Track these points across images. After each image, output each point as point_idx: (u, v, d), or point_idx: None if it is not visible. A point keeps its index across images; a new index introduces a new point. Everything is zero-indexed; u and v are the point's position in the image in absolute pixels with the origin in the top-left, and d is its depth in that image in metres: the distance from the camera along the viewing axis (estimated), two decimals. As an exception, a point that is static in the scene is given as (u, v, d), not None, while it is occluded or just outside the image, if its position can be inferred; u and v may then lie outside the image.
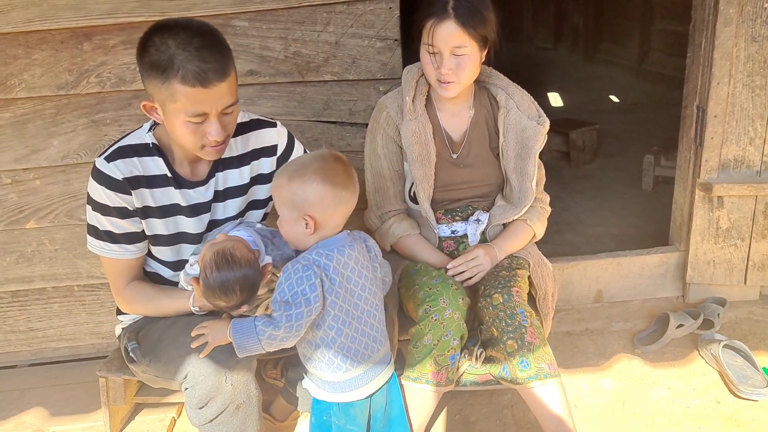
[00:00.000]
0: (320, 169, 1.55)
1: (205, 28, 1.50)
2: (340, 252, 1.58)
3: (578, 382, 2.30)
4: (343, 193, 1.56)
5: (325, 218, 1.56)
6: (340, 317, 1.57)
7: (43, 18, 2.16)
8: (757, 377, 2.21)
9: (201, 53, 1.44)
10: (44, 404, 2.35)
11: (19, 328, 2.56)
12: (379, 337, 1.67)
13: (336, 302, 1.56)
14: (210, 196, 1.73)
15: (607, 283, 2.80)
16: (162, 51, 1.44)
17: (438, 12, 1.79)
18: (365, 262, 1.66)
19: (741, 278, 2.69)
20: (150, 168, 1.64)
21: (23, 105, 2.26)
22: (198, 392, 1.57)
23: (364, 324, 1.63)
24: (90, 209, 1.65)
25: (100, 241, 1.67)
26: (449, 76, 1.83)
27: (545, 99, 6.63)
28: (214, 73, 1.45)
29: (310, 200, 1.53)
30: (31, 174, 2.34)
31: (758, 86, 2.43)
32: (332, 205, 1.55)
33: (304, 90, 2.33)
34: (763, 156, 2.53)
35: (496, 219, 2.02)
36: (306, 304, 1.49)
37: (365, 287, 1.63)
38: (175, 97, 1.47)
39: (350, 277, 1.60)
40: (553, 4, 9.85)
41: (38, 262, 2.45)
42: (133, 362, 1.76)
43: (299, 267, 1.52)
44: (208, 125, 1.53)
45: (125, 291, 1.74)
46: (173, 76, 1.44)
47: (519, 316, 1.78)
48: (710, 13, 2.41)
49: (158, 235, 1.70)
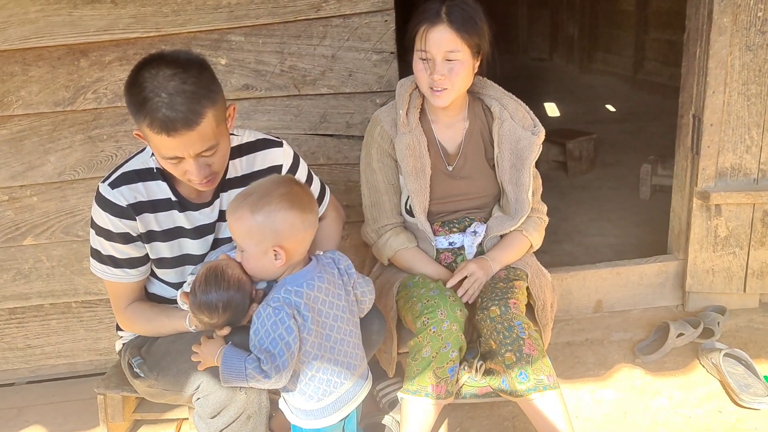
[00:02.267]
0: (285, 195, 1.50)
1: (189, 66, 1.44)
2: (309, 286, 1.55)
3: (579, 393, 2.29)
4: (309, 217, 1.54)
5: (295, 245, 1.53)
6: (312, 352, 1.56)
7: (40, 35, 2.16)
8: (758, 386, 2.20)
9: (172, 100, 1.39)
10: (42, 422, 2.34)
11: (17, 346, 2.55)
12: (353, 362, 1.65)
13: (308, 339, 1.54)
14: (215, 217, 1.72)
15: (607, 293, 2.80)
16: (136, 93, 1.42)
17: (431, 17, 1.80)
18: (335, 290, 1.61)
19: (740, 286, 2.69)
20: (154, 192, 1.64)
21: (20, 122, 2.26)
22: (211, 401, 1.58)
23: (338, 353, 1.61)
24: (93, 233, 1.65)
25: (103, 264, 1.67)
26: (442, 82, 1.82)
27: (542, 109, 6.64)
28: (182, 123, 1.41)
29: (279, 230, 1.49)
30: (27, 191, 2.33)
31: (753, 94, 2.44)
32: (301, 231, 1.53)
33: (300, 103, 2.33)
34: (760, 164, 2.53)
35: (493, 230, 2.01)
36: (287, 349, 1.48)
37: (337, 316, 1.60)
38: (148, 138, 1.47)
39: (321, 309, 1.57)
40: (548, 15, 9.90)
41: (35, 279, 2.44)
42: (138, 377, 1.75)
43: (270, 311, 1.49)
44: (186, 165, 1.50)
45: (126, 311, 1.75)
46: (142, 120, 1.42)
47: (516, 328, 1.78)
48: (704, 23, 2.42)
49: (163, 258, 1.71)
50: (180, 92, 1.40)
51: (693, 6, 2.51)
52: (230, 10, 2.19)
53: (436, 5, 1.81)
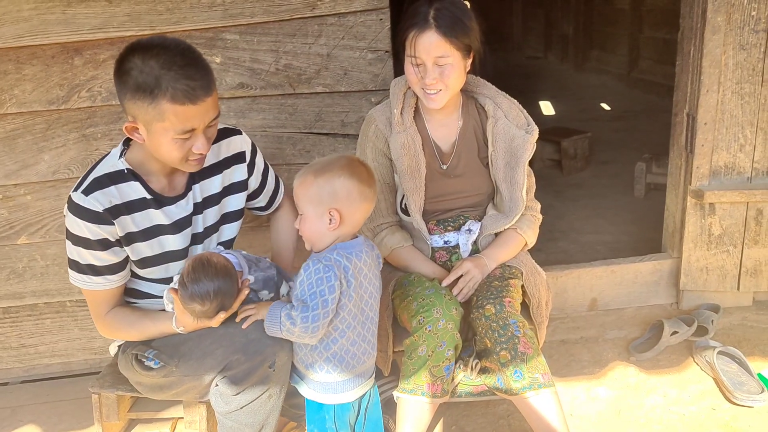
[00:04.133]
0: (347, 165, 1.62)
1: (183, 46, 1.52)
2: (357, 256, 1.64)
3: (574, 391, 2.29)
4: (367, 190, 1.63)
5: (349, 213, 1.62)
6: (347, 320, 1.63)
7: (34, 33, 2.15)
8: (752, 383, 2.21)
9: (187, 71, 1.47)
10: (37, 421, 2.33)
11: (11, 345, 2.54)
12: (373, 344, 1.73)
13: (347, 305, 1.61)
14: (190, 209, 1.74)
15: (602, 291, 2.80)
16: (146, 73, 1.46)
17: (419, 23, 1.80)
18: (375, 270, 1.72)
19: (734, 284, 2.70)
20: (128, 194, 1.64)
21: (13, 120, 2.25)
22: (239, 377, 1.61)
23: (366, 330, 1.69)
24: (70, 244, 1.63)
25: (82, 274, 1.66)
26: (434, 85, 1.83)
27: (537, 108, 6.66)
28: (202, 90, 1.49)
29: (337, 193, 1.59)
30: (21, 189, 2.32)
31: (747, 93, 2.45)
32: (358, 200, 1.62)
33: (295, 102, 2.33)
34: (754, 162, 2.54)
35: (487, 229, 2.01)
36: (323, 305, 1.54)
37: (372, 294, 1.70)
38: (164, 116, 1.49)
39: (362, 282, 1.65)
40: (543, 13, 9.92)
41: (30, 278, 2.44)
42: (150, 370, 1.73)
43: (320, 267, 1.56)
44: (195, 140, 1.56)
45: (107, 318, 1.74)
46: (162, 96, 1.46)
47: (511, 326, 1.78)
48: (698, 22, 2.43)
49: (145, 258, 1.70)
50: (190, 64, 1.49)
51: (687, 5, 2.52)
52: (225, 9, 2.19)
53: (423, 8, 1.81)
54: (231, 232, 1.87)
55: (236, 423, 1.66)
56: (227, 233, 1.86)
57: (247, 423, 1.65)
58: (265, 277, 1.73)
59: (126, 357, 1.78)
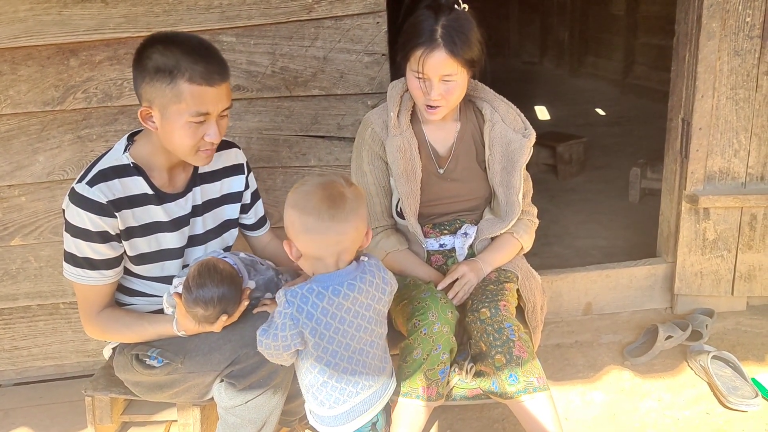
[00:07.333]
0: (298, 193, 1.48)
1: (202, 39, 1.61)
2: (335, 292, 1.48)
3: (568, 395, 2.29)
4: (311, 221, 1.44)
5: (301, 246, 1.50)
6: (324, 358, 1.51)
7: (29, 34, 2.15)
8: (746, 388, 2.22)
9: (205, 58, 1.56)
10: (29, 424, 2.32)
11: (4, 347, 2.52)
12: (372, 373, 1.59)
13: (320, 343, 1.49)
14: (189, 209, 1.75)
15: (596, 295, 2.81)
16: (168, 56, 1.53)
17: (427, 42, 1.78)
18: (365, 301, 1.53)
19: (728, 289, 2.71)
20: (130, 188, 1.66)
21: (8, 121, 2.24)
22: (248, 368, 1.62)
23: (356, 363, 1.55)
24: (68, 236, 1.63)
25: (78, 268, 1.65)
26: (438, 101, 1.84)
27: (532, 112, 6.68)
28: (218, 74, 1.57)
29: (287, 224, 1.51)
30: (15, 190, 2.32)
31: (742, 99, 2.46)
32: (301, 232, 1.47)
33: (291, 105, 2.33)
34: (748, 168, 2.55)
35: (483, 233, 2.02)
36: (274, 338, 1.48)
37: (360, 326, 1.53)
38: (181, 97, 1.54)
39: (344, 317, 1.50)
40: (539, 19, 9.94)
41: (23, 280, 2.42)
42: (152, 368, 1.72)
43: (284, 300, 1.48)
44: (207, 126, 1.60)
45: (99, 317, 1.72)
46: (180, 76, 1.53)
47: (506, 330, 1.78)
48: (693, 27, 2.44)
49: (142, 254, 1.71)
50: (208, 53, 1.58)
51: (682, 11, 2.53)
52: (222, 11, 2.19)
53: (429, 23, 1.78)
54: (229, 239, 1.90)
55: (239, 419, 1.65)
56: (230, 239, 1.90)
57: (250, 419, 1.65)
58: (265, 280, 1.73)
59: (124, 357, 1.77)
